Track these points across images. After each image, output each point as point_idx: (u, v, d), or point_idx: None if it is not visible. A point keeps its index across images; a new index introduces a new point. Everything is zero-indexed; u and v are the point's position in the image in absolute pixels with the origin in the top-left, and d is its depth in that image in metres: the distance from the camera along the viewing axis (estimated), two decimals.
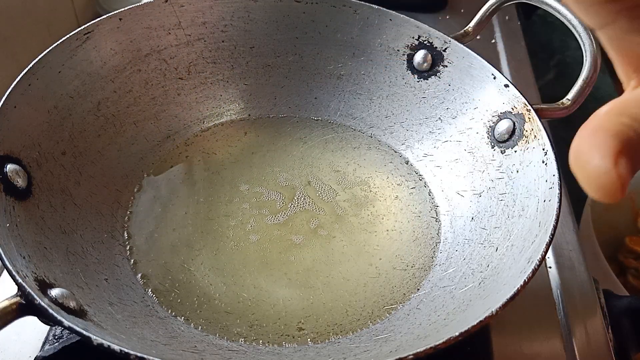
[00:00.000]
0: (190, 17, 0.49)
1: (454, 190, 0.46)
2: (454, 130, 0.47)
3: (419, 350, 0.29)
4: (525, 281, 0.32)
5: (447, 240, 0.44)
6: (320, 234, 0.44)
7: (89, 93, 0.45)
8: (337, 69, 0.51)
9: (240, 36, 0.51)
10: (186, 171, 0.48)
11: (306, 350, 0.37)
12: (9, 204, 0.35)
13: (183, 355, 0.35)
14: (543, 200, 0.38)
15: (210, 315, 0.39)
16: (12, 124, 0.38)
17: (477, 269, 0.39)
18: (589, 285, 0.46)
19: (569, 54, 0.93)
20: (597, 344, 0.42)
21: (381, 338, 0.37)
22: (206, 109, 0.51)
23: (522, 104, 0.43)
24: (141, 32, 0.48)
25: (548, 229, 0.35)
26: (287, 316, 0.39)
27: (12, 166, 0.37)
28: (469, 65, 0.46)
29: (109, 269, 0.39)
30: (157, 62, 0.49)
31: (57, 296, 0.32)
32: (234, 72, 0.52)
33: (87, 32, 0.44)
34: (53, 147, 0.41)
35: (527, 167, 0.41)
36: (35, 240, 0.35)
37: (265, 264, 0.42)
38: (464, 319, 0.33)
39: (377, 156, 0.50)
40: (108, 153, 0.45)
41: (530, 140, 0.41)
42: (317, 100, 0.52)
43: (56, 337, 0.39)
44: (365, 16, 0.49)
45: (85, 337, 0.28)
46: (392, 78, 0.50)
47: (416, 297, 0.40)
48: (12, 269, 0.30)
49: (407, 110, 0.50)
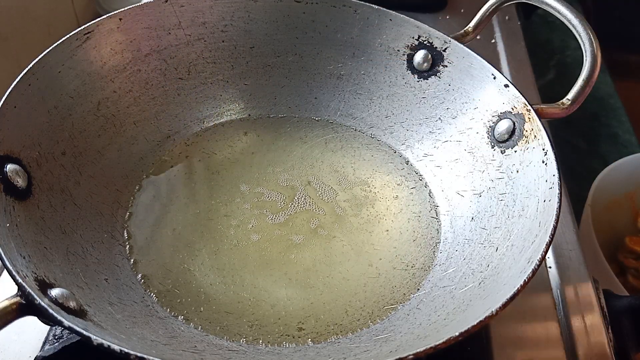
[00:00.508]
0: (190, 17, 0.49)
1: (454, 190, 0.46)
2: (454, 130, 0.47)
3: (419, 350, 0.29)
4: (525, 281, 0.32)
5: (447, 240, 0.44)
6: (321, 233, 0.44)
7: (89, 93, 0.45)
8: (337, 69, 0.51)
9: (240, 36, 0.51)
10: (186, 171, 0.48)
11: (306, 350, 0.37)
12: (9, 204, 0.35)
13: (183, 355, 0.35)
14: (543, 200, 0.38)
15: (210, 315, 0.39)
16: (12, 124, 0.38)
17: (477, 269, 0.39)
18: (589, 285, 0.46)
19: (569, 54, 0.93)
20: (597, 344, 0.42)
21: (381, 338, 0.37)
22: (206, 109, 0.51)
23: (522, 104, 0.43)
24: (141, 32, 0.48)
25: (548, 229, 0.35)
26: (287, 316, 0.39)
27: (12, 166, 0.37)
28: (469, 65, 0.46)
29: (109, 269, 0.39)
30: (157, 62, 0.49)
31: (57, 296, 0.32)
32: (234, 72, 0.52)
33: (87, 32, 0.44)
34: (53, 147, 0.41)
35: (527, 167, 0.41)
36: (35, 240, 0.35)
37: (265, 264, 0.42)
38: (464, 319, 0.33)
39: (377, 156, 0.50)
40: (108, 153, 0.45)
41: (530, 140, 0.41)
42: (317, 100, 0.52)
43: (56, 337, 0.39)
44: (365, 16, 0.49)
45: (85, 337, 0.28)
46: (392, 78, 0.50)
47: (416, 297, 0.40)
48: (12, 269, 0.30)
49: (407, 110, 0.50)
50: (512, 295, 0.32)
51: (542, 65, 0.90)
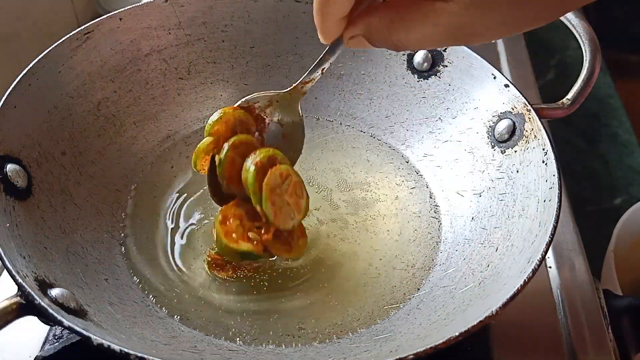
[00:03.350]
0: (190, 17, 0.49)
1: (454, 190, 0.46)
2: (454, 130, 0.47)
3: (419, 350, 0.29)
4: (525, 281, 0.32)
5: (447, 240, 0.44)
6: (321, 233, 0.44)
7: (89, 93, 0.45)
8: (337, 69, 0.51)
9: (240, 36, 0.51)
10: (186, 171, 0.48)
11: (306, 350, 0.37)
12: (9, 204, 0.35)
13: (183, 355, 0.35)
14: (543, 200, 0.38)
15: (210, 315, 0.39)
16: (12, 124, 0.38)
17: (477, 269, 0.39)
18: (589, 285, 0.46)
19: (569, 54, 0.93)
20: (597, 344, 0.42)
21: (381, 338, 0.37)
22: (206, 109, 0.51)
23: (522, 103, 0.43)
24: (141, 32, 0.48)
25: (548, 229, 0.35)
26: (287, 316, 0.39)
27: (12, 166, 0.37)
28: (469, 65, 0.46)
29: (109, 269, 0.39)
30: (157, 62, 0.49)
31: (57, 296, 0.32)
32: (234, 72, 0.52)
33: (87, 32, 0.44)
34: (53, 147, 0.41)
35: (527, 167, 0.41)
36: (35, 240, 0.35)
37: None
38: (464, 319, 0.33)
39: (377, 156, 0.50)
40: (108, 153, 0.45)
41: (530, 140, 0.41)
42: (317, 100, 0.52)
43: (56, 337, 0.39)
44: None
45: (85, 337, 0.28)
46: (393, 78, 0.50)
47: (416, 297, 0.40)
48: (12, 269, 0.30)
49: (408, 110, 0.50)
50: (512, 295, 0.32)
51: (542, 65, 0.90)
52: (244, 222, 0.39)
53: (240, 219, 0.39)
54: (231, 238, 0.38)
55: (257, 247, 0.38)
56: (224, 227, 0.38)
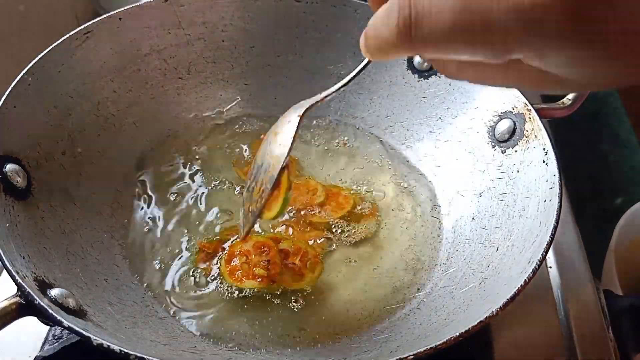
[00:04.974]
0: (190, 17, 0.49)
1: (454, 190, 0.46)
2: (455, 129, 0.47)
3: (419, 350, 0.29)
4: (525, 281, 0.32)
5: (448, 240, 0.44)
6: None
7: (89, 93, 0.45)
8: (337, 68, 0.51)
9: (240, 36, 0.51)
10: (186, 171, 0.48)
11: (306, 350, 0.37)
12: (8, 204, 0.35)
13: (183, 356, 0.34)
14: (543, 200, 0.38)
15: (210, 315, 0.39)
16: (12, 124, 0.38)
17: (478, 269, 0.39)
18: (589, 285, 0.46)
19: None
20: (597, 344, 0.42)
21: (382, 338, 0.37)
22: (206, 109, 0.51)
23: (523, 103, 0.43)
24: (141, 32, 0.48)
25: (548, 229, 0.35)
26: (288, 316, 0.39)
27: (12, 166, 0.37)
28: None
29: (108, 269, 0.39)
30: (157, 62, 0.49)
31: (56, 296, 0.32)
32: (234, 72, 0.52)
33: (87, 32, 0.44)
34: (53, 147, 0.41)
35: (528, 166, 0.41)
36: (35, 240, 0.35)
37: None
38: (465, 319, 0.33)
39: (378, 156, 0.50)
40: (108, 153, 0.45)
41: (530, 140, 0.41)
42: None
43: (56, 337, 0.39)
44: (365, 16, 0.49)
45: (85, 337, 0.28)
46: (393, 77, 0.50)
47: (417, 297, 0.40)
48: (12, 269, 0.30)
49: (408, 110, 0.50)
50: (513, 295, 0.31)
51: None
52: (250, 259, 0.40)
53: (247, 255, 0.40)
54: (235, 277, 0.39)
55: (262, 283, 0.39)
56: (228, 266, 0.39)
